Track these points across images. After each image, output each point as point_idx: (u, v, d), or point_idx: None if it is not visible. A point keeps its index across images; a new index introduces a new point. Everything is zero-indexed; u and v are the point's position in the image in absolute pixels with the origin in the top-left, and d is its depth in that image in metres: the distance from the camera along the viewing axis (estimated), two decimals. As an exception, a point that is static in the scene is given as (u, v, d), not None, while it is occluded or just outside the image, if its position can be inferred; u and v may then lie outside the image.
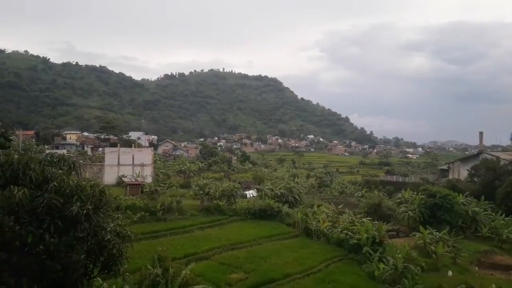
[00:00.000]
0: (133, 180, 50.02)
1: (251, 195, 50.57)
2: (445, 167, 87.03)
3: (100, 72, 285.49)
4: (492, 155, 69.82)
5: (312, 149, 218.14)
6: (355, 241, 30.12)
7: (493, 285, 24.85)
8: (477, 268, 32.02)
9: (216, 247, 28.11)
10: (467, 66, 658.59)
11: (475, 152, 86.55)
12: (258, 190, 49.99)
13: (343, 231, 32.03)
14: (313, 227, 34.13)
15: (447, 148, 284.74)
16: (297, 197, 47.12)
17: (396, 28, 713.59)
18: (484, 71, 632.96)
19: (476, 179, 59.63)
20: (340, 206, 44.68)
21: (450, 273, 29.15)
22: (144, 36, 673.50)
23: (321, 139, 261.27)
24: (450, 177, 72.18)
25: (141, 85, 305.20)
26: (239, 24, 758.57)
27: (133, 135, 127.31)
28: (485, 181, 55.54)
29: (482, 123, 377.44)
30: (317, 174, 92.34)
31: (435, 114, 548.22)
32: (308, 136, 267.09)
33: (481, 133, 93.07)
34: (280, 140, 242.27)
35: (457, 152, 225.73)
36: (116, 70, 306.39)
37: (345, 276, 25.69)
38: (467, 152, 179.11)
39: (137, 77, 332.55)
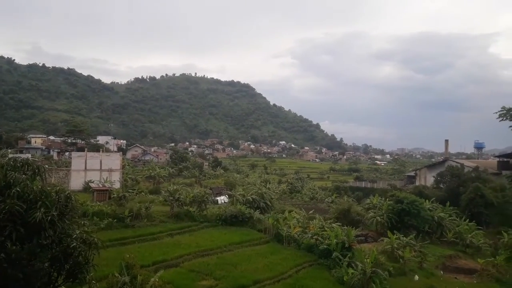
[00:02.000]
0: (101, 186, 48.94)
1: (223, 201, 50.28)
2: (412, 173, 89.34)
3: (68, 75, 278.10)
4: (457, 162, 72.24)
5: (284, 155, 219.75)
6: (325, 247, 30.43)
7: (457, 288, 25.67)
8: (442, 272, 33.03)
9: (186, 254, 27.77)
10: (435, 75, 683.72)
11: (441, 159, 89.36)
12: (229, 196, 49.77)
13: (314, 237, 32.33)
14: (284, 233, 34.28)
15: (414, 155, 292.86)
16: (268, 203, 47.19)
17: (368, 37, 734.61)
18: (451, 80, 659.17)
19: (441, 186, 61.61)
20: (311, 212, 45.07)
21: (416, 277, 29.95)
22: (115, 39, 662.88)
23: (292, 145, 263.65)
24: (417, 183, 74.16)
25: (111, 89, 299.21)
26: (212, 29, 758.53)
27: (101, 139, 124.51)
28: (450, 187, 57.44)
29: (448, 131, 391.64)
30: (289, 180, 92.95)
31: (403, 122, 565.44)
32: (280, 142, 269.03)
33: (446, 140, 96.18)
34: (252, 146, 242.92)
35: (423, 159, 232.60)
36: (85, 73, 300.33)
37: (314, 282, 25.90)
38: (433, 159, 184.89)
39: (106, 80, 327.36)
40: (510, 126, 15.87)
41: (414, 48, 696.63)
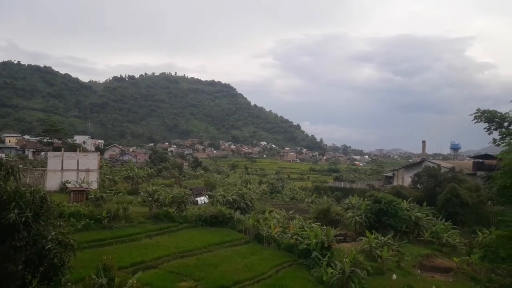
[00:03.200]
0: (78, 186, 48.07)
1: (203, 202, 50.07)
2: (390, 174, 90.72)
3: (45, 73, 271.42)
4: (433, 163, 73.81)
5: (264, 156, 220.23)
6: (305, 246, 30.62)
7: (434, 287, 26.21)
8: (419, 271, 33.70)
9: (165, 255, 27.57)
10: (412, 78, 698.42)
11: (418, 160, 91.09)
12: (209, 197, 49.58)
13: (293, 237, 32.50)
14: (264, 233, 34.36)
15: (392, 156, 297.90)
16: (249, 203, 47.21)
17: (347, 39, 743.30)
18: (428, 83, 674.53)
19: (418, 186, 62.77)
20: (291, 212, 45.34)
21: (394, 276, 30.44)
22: (93, 37, 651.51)
23: (273, 146, 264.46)
24: (395, 183, 75.31)
25: (89, 87, 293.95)
26: (192, 29, 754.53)
27: (79, 139, 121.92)
28: (427, 187, 58.61)
29: (425, 133, 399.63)
30: (269, 180, 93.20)
31: (382, 123, 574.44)
32: (261, 142, 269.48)
33: (423, 142, 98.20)
34: (233, 146, 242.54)
35: (401, 160, 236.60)
36: (62, 71, 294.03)
37: (294, 282, 26.04)
38: (411, 160, 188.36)
39: (84, 78, 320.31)
40: (485, 128, 16.25)
41: (393, 51, 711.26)
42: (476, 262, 30.25)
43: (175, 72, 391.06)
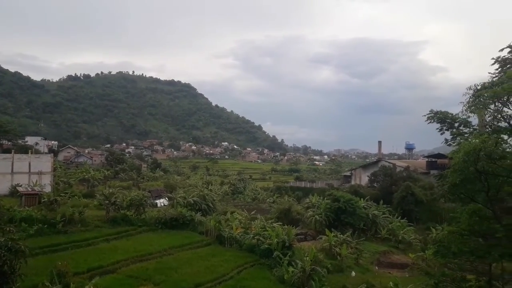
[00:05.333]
0: (30, 190, 46.25)
1: (162, 204, 49.32)
2: (348, 173, 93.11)
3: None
4: (389, 162, 76.51)
5: (226, 156, 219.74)
6: (266, 246, 30.81)
7: (391, 282, 27.10)
8: (377, 268, 34.77)
9: (123, 260, 26.89)
10: (369, 80, 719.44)
11: (375, 160, 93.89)
12: (169, 199, 48.90)
13: (255, 237, 32.61)
14: (226, 234, 34.28)
15: (350, 155, 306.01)
16: (210, 204, 46.95)
17: (307, 41, 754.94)
18: (384, 85, 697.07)
19: (375, 185, 64.89)
20: (253, 212, 45.49)
21: (353, 273, 31.23)
22: (45, 33, 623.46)
23: (235, 146, 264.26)
24: (353, 182, 77.39)
25: (41, 86, 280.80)
26: (151, 27, 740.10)
27: (30, 140, 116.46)
28: (383, 186, 60.69)
29: (381, 133, 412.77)
30: (231, 181, 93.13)
31: (340, 124, 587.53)
32: (223, 143, 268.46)
33: (379, 142, 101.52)
34: (194, 147, 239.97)
35: (358, 160, 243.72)
36: (12, 69, 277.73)
37: (256, 282, 26.15)
38: (368, 160, 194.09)
39: (36, 77, 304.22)
40: (437, 128, 17.00)
41: (350, 53, 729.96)
42: (430, 257, 31.54)
43: (133, 71, 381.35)
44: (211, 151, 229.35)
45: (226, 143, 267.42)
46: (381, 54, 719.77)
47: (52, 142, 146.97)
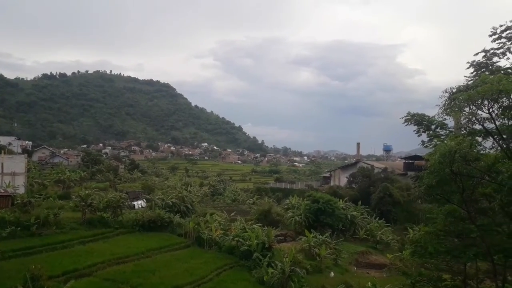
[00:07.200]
0: (2, 191, 44.96)
1: (140, 206, 48.53)
2: (327, 174, 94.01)
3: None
4: (367, 164, 77.49)
5: (206, 157, 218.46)
6: (246, 248, 30.72)
7: (369, 283, 27.40)
8: (355, 268, 35.11)
9: (99, 262, 26.36)
10: (348, 82, 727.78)
11: (353, 161, 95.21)
12: (147, 200, 48.22)
13: (235, 239, 32.50)
14: (205, 236, 34.05)
15: (329, 157, 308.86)
16: (189, 206, 46.57)
17: (286, 43, 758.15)
18: (362, 87, 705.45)
19: (354, 186, 65.60)
20: (233, 214, 45.34)
21: (332, 274, 31.45)
22: (20, 30, 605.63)
23: (215, 147, 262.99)
24: (332, 183, 78.10)
25: (15, 85, 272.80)
26: (129, 25, 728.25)
27: (3, 140, 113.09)
28: (361, 187, 61.37)
29: (360, 135, 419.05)
30: (211, 183, 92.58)
31: (320, 126, 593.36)
32: (202, 144, 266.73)
33: (358, 143, 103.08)
34: (173, 148, 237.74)
35: (337, 161, 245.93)
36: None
37: (235, 284, 26.05)
38: (346, 161, 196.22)
39: (10, 75, 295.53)
40: (414, 131, 17.23)
41: (329, 56, 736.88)
42: (407, 257, 31.99)
43: (110, 70, 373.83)
44: (190, 152, 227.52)
45: (205, 144, 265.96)
46: (359, 57, 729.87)
47: (26, 142, 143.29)
